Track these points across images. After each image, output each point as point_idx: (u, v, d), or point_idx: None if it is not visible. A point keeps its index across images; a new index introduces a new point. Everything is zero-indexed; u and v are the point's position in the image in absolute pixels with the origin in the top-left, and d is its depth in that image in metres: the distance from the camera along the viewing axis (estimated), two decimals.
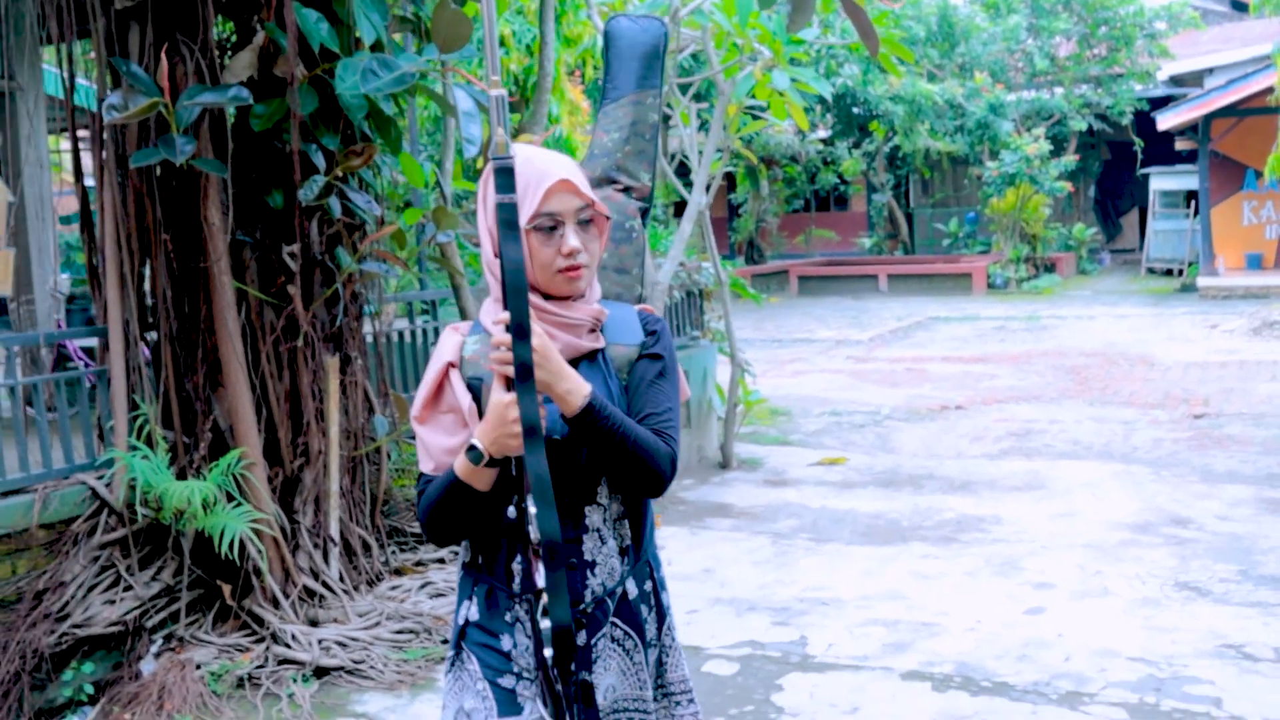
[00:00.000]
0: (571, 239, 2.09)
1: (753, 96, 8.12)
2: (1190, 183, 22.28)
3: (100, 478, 4.92)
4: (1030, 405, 10.52)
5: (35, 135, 8.26)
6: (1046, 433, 9.31)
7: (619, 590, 2.22)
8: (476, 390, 2.13)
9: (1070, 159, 23.84)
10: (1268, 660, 4.58)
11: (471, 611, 2.23)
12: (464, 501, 2.09)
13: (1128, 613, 5.21)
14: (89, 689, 4.69)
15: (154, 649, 4.87)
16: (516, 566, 2.16)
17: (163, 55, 4.50)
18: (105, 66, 4.90)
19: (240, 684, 4.73)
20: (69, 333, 5.39)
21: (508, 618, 2.19)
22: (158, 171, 5.02)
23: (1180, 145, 22.43)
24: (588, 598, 2.18)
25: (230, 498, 4.92)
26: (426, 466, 2.17)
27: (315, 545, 5.29)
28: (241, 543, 4.84)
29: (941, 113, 23.70)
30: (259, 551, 5.00)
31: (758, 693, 4.49)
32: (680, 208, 19.07)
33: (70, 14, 4.96)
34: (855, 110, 24.18)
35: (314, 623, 5.10)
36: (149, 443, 4.95)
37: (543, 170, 2.09)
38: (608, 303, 2.25)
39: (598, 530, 2.19)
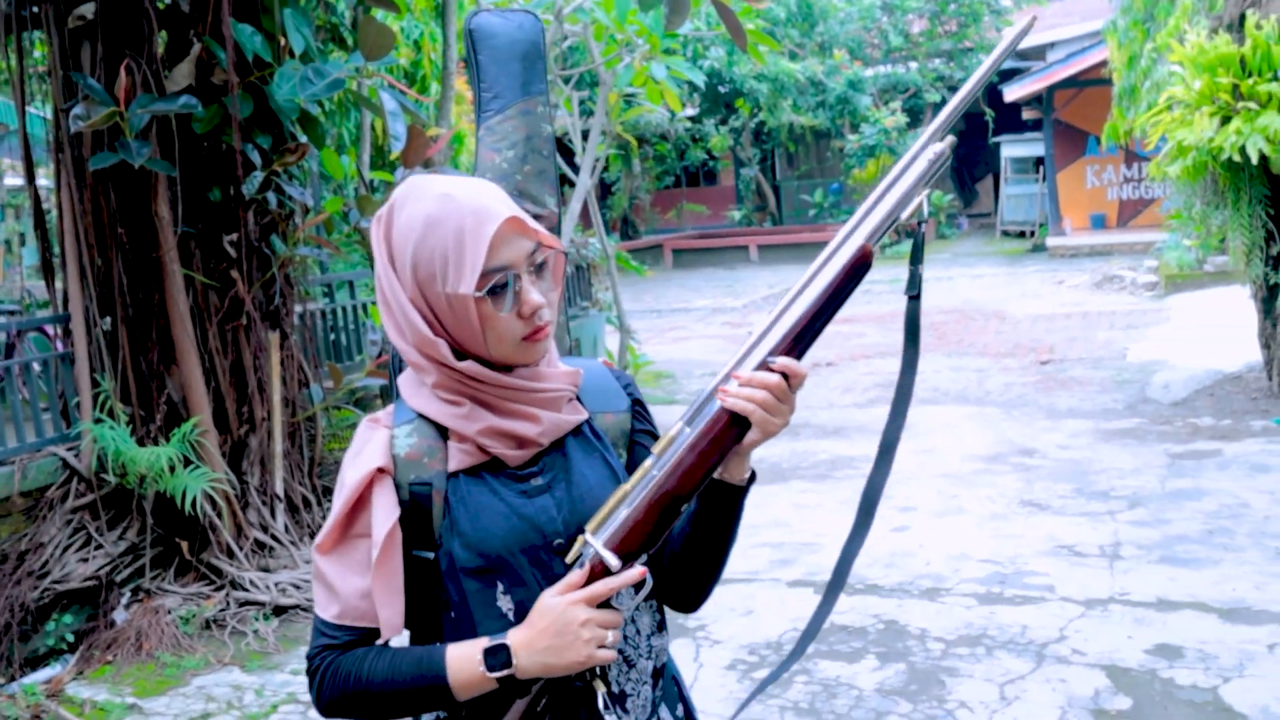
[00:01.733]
0: (533, 294, 1.55)
1: (631, 85, 8.84)
2: (1039, 150, 23.60)
3: (70, 449, 5.44)
4: (894, 359, 11.40)
5: None
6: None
7: None
8: (421, 499, 1.58)
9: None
10: (1093, 555, 5.46)
11: None
12: (433, 705, 1.55)
13: (979, 526, 6.07)
14: (69, 638, 5.22)
15: (124, 601, 5.41)
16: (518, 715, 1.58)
17: (121, 70, 5.02)
18: (60, 80, 5.39)
19: (208, 625, 5.31)
20: (35, 320, 5.84)
21: None
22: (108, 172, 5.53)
23: (1027, 115, 23.77)
24: None
25: (187, 462, 5.47)
26: (328, 612, 1.56)
27: (263, 502, 5.87)
28: (196, 502, 5.40)
29: (804, 89, 24.71)
30: (215, 509, 5.57)
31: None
32: (559, 183, 19.77)
33: (16, 32, 5.45)
34: (721, 89, 25.03)
35: (266, 570, 5.68)
36: (111, 416, 5.48)
37: (477, 209, 1.52)
38: (566, 359, 1.73)
39: (620, 651, 1.63)
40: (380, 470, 1.57)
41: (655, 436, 1.73)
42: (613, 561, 1.50)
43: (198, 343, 5.62)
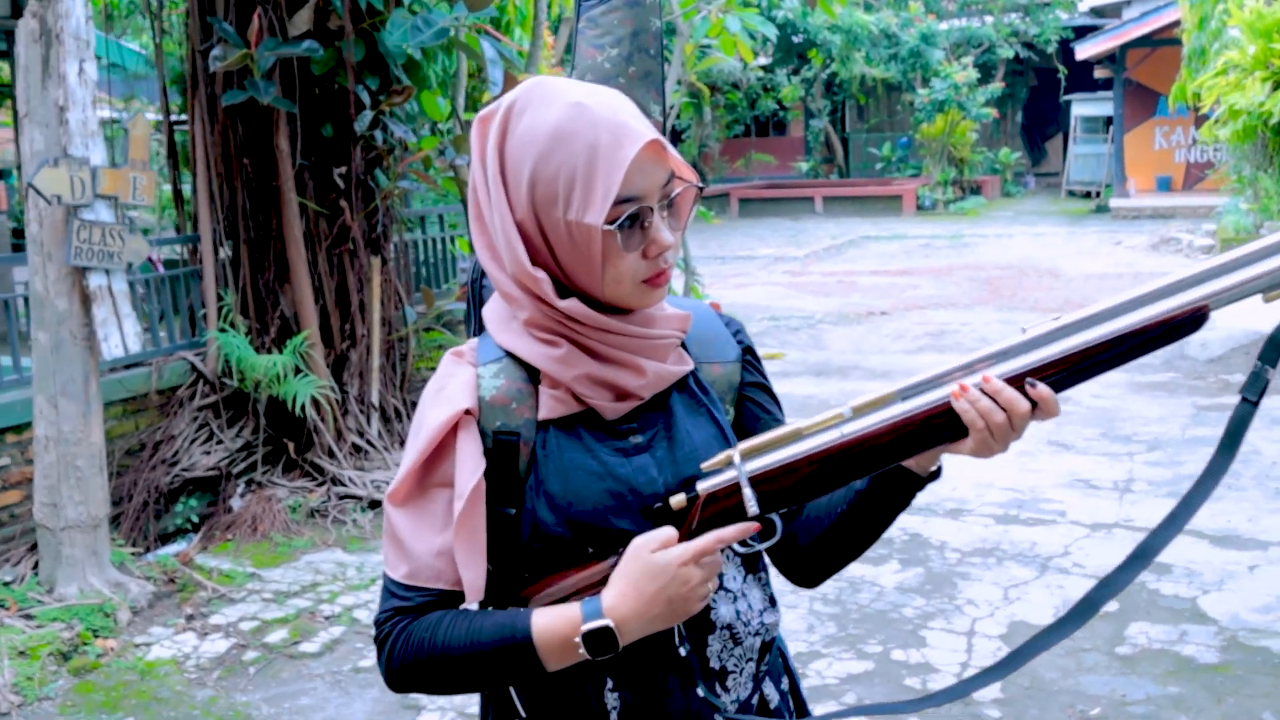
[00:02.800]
0: (664, 232, 1.37)
1: (707, 35, 9.36)
2: (1109, 109, 23.72)
3: (198, 355, 6.15)
4: (946, 311, 11.96)
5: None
6: (959, 333, 10.73)
7: (754, 699, 1.54)
8: (506, 450, 1.42)
9: (997, 86, 25.26)
10: (1105, 489, 6.01)
11: None
12: (516, 674, 1.39)
13: (1007, 461, 6.61)
14: (194, 519, 5.95)
15: (239, 490, 6.12)
16: (612, 697, 1.43)
17: (255, 16, 5.66)
18: (197, 23, 6.03)
19: (312, 514, 6.02)
20: (171, 239, 6.52)
21: None
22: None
23: (1099, 74, 23.88)
24: None
25: (297, 370, 6.15)
26: (399, 572, 1.41)
27: (360, 410, 6.56)
28: (304, 406, 6.09)
29: (876, 41, 24.96)
30: (319, 414, 6.26)
31: None
32: None
33: None
34: (795, 39, 25.33)
35: (362, 470, 6.38)
36: (231, 327, 6.17)
37: (615, 127, 1.32)
38: (672, 299, 1.52)
39: (729, 626, 1.48)
40: (467, 413, 1.41)
41: (769, 390, 1.58)
42: (750, 503, 1.36)
43: (309, 265, 6.29)
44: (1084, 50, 21.80)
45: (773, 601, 1.54)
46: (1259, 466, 6.23)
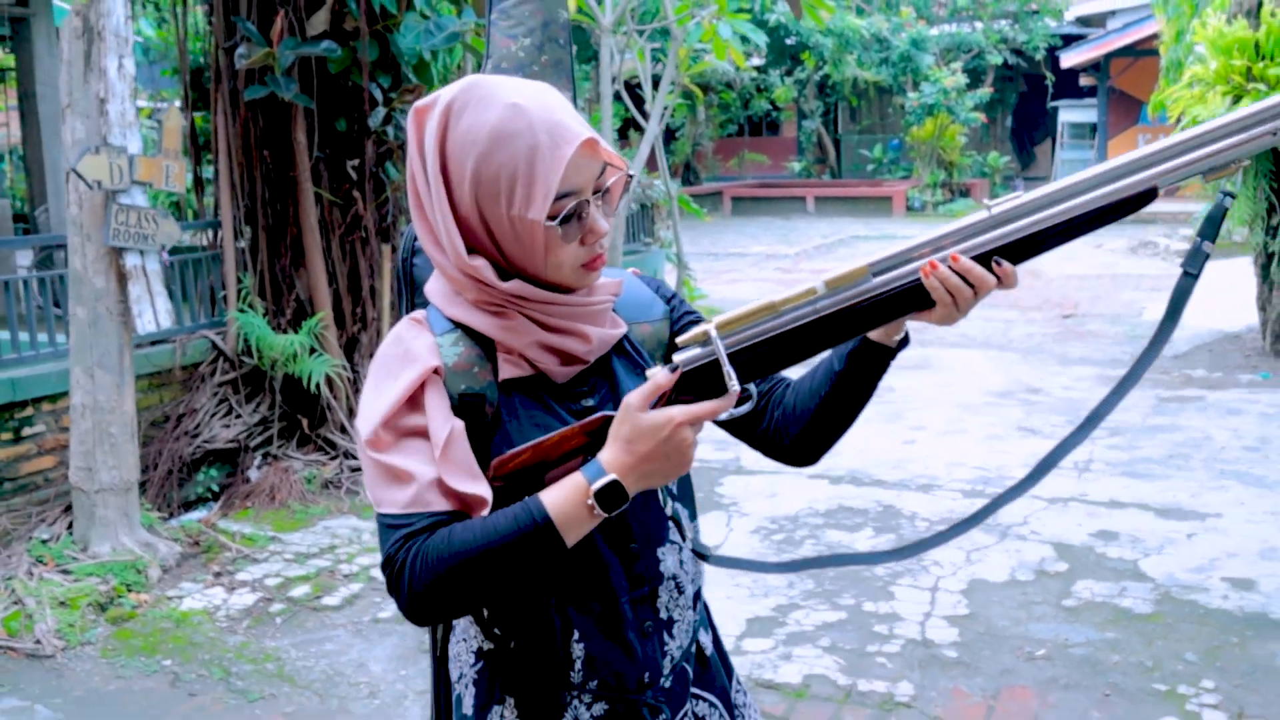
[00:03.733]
0: (600, 221, 1.49)
1: (700, 40, 9.80)
2: (1094, 116, 24.25)
3: (218, 333, 6.56)
4: None
5: (48, 58, 9.66)
6: (940, 328, 11.13)
7: (693, 648, 1.71)
8: (473, 411, 1.50)
9: (985, 91, 25.72)
10: (1066, 468, 6.44)
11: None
12: (538, 558, 1.42)
13: (977, 443, 7.06)
14: (215, 488, 6.36)
15: (256, 463, 6.53)
16: (578, 647, 1.57)
17: (279, 18, 6.07)
18: (221, 23, 6.44)
19: (326, 485, 6.43)
20: (193, 224, 6.91)
21: (565, 718, 1.61)
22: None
23: (1084, 81, 24.39)
24: (666, 668, 1.64)
25: (312, 350, 6.57)
26: (398, 504, 1.44)
27: None
28: (317, 384, 6.50)
29: (868, 45, 25.41)
30: (331, 392, 6.67)
31: (704, 488, 6.26)
32: (625, 126, 20.65)
33: None
34: (788, 41, 25.76)
35: None
36: (250, 308, 6.58)
37: (552, 127, 1.43)
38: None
39: (674, 577, 1.63)
40: (435, 371, 1.48)
41: (700, 317, 1.70)
42: (731, 379, 1.44)
43: (323, 251, 6.70)
44: (1069, 59, 22.33)
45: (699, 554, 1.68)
46: (1209, 450, 6.67)
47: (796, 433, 1.68)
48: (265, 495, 6.21)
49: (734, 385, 1.45)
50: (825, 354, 1.58)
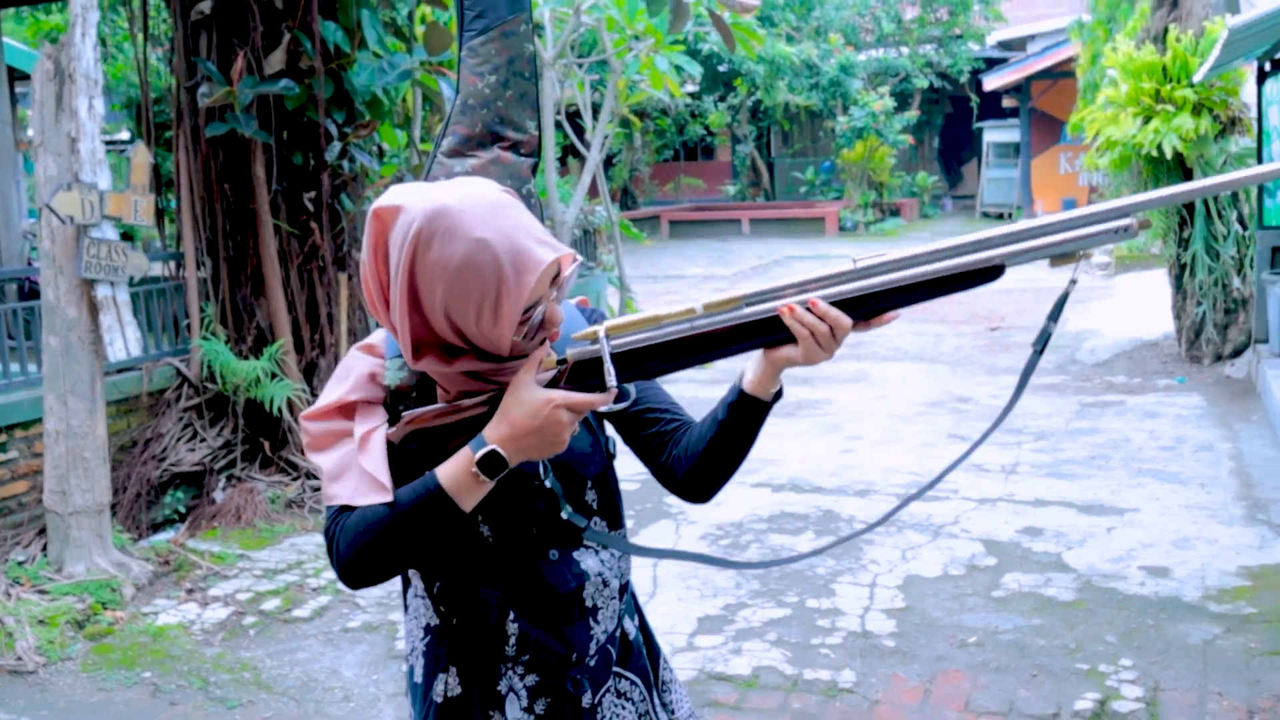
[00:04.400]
0: (556, 312, 1.69)
1: (638, 71, 10.15)
2: (1017, 136, 24.94)
3: (183, 361, 6.78)
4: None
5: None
6: (874, 343, 11.58)
7: (618, 632, 1.94)
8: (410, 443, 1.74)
9: (912, 114, 26.39)
10: (995, 471, 6.84)
11: (450, 687, 1.86)
12: (437, 523, 1.66)
13: (911, 451, 7.43)
14: (182, 509, 6.57)
15: (221, 485, 6.75)
16: (513, 626, 1.81)
17: (239, 58, 6.34)
18: (182, 62, 6.69)
19: (289, 505, 6.66)
20: (159, 255, 7.11)
21: (500, 687, 1.85)
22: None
23: (1006, 103, 25.10)
24: (592, 649, 1.87)
25: (272, 376, 6.80)
26: (340, 496, 1.68)
27: None
28: (279, 408, 6.73)
29: (799, 71, 25.94)
30: (292, 415, 6.91)
31: (653, 499, 6.57)
32: (565, 154, 20.98)
33: (144, 25, 6.77)
34: (720, 69, 26.22)
35: None
36: (213, 336, 6.81)
37: (515, 256, 1.58)
38: None
39: (600, 574, 1.86)
40: (367, 402, 1.74)
41: None
42: (611, 379, 1.64)
43: (282, 280, 6.95)
44: (992, 81, 23.03)
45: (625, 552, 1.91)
46: (1127, 451, 7.10)
47: (686, 470, 1.87)
48: (231, 515, 6.43)
49: (612, 381, 1.64)
50: (714, 404, 1.83)
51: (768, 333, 1.65)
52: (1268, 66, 8.65)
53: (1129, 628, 4.62)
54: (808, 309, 1.63)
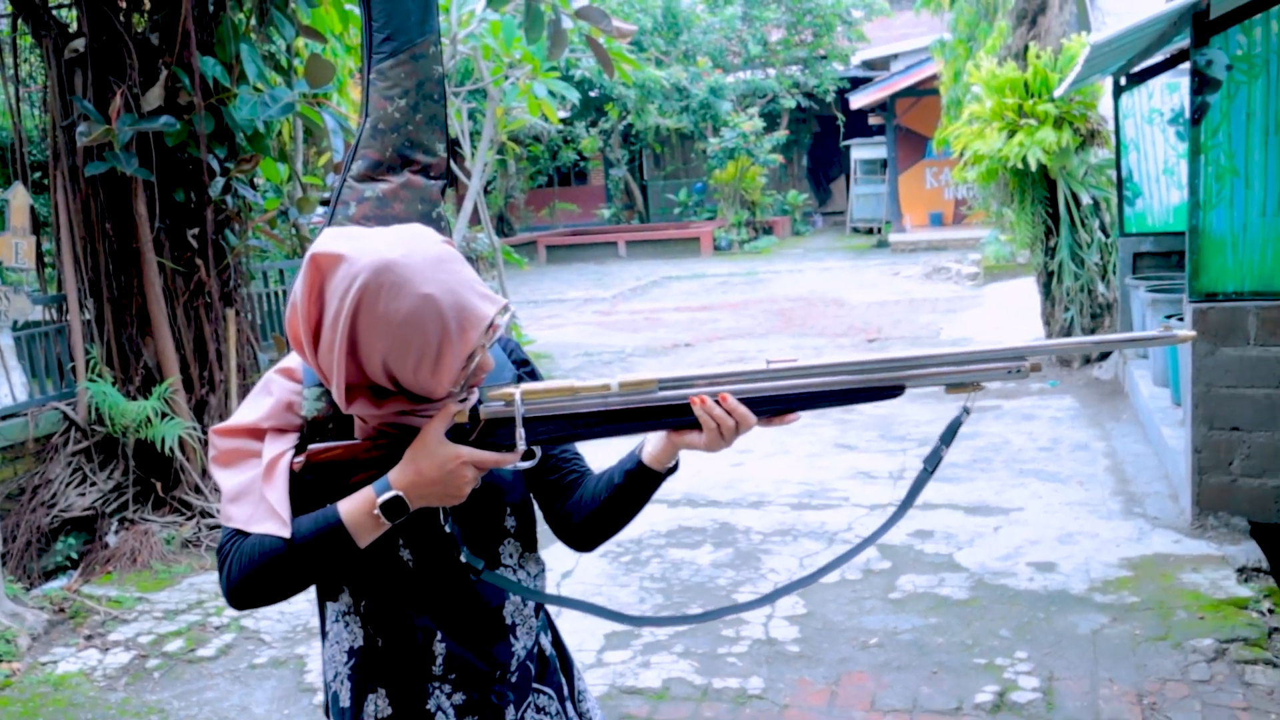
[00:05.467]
0: (489, 359, 1.74)
1: (516, 98, 10.23)
2: (884, 152, 25.58)
3: (69, 404, 6.65)
4: (745, 340, 13.05)
5: None
6: (757, 359, 11.69)
7: (535, 649, 2.02)
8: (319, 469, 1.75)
9: (782, 134, 26.93)
10: (882, 478, 7.05)
11: (380, 708, 1.90)
12: (332, 556, 1.72)
13: (799, 461, 7.61)
14: (74, 555, 6.43)
15: (113, 528, 6.63)
16: (440, 646, 1.87)
17: (117, 96, 6.26)
18: (57, 101, 6.58)
19: (185, 544, 6.57)
20: (42, 299, 6.93)
21: (430, 706, 1.90)
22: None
23: (873, 120, 25.74)
24: (513, 666, 1.94)
25: (162, 415, 6.71)
26: (236, 520, 1.72)
27: None
28: (170, 447, 6.64)
29: (669, 94, 26.29)
30: (184, 454, 6.82)
31: None
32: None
33: (15, 66, 6.65)
34: (592, 94, 26.45)
35: None
36: (100, 378, 6.69)
37: (459, 313, 1.62)
38: None
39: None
40: (279, 430, 1.78)
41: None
42: (520, 443, 1.73)
43: (169, 318, 6.85)
44: (858, 100, 23.62)
45: (542, 569, 2.02)
46: (1008, 453, 7.37)
47: (578, 522, 1.97)
48: (126, 559, 6.32)
49: (521, 445, 1.74)
50: (612, 464, 1.94)
51: (676, 416, 1.75)
52: (1123, 81, 9.07)
53: (1021, 622, 4.83)
54: (717, 402, 1.74)
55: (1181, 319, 6.01)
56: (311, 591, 1.95)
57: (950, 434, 1.85)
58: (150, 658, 5.22)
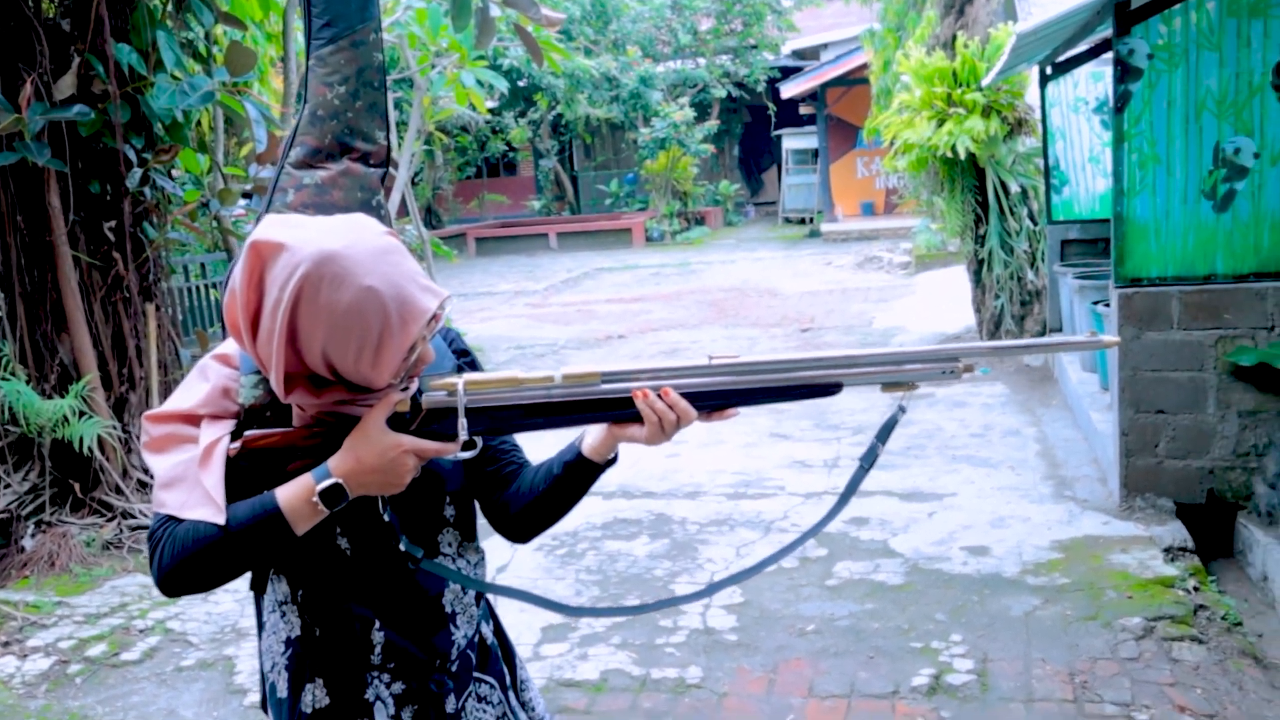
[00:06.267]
0: (429, 351, 1.73)
1: (444, 87, 10.10)
2: (815, 142, 25.69)
3: None
4: (678, 331, 13.02)
5: None
6: (690, 350, 11.77)
7: (476, 638, 2.02)
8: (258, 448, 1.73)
9: (713, 124, 26.93)
10: (817, 466, 7.04)
11: (318, 698, 1.88)
12: (268, 543, 1.69)
13: (735, 451, 7.59)
14: None
15: (29, 531, 6.44)
16: (379, 635, 1.86)
17: (28, 84, 6.06)
18: None
19: (106, 547, 6.40)
20: None
21: (368, 695, 1.89)
22: None
23: (804, 110, 25.83)
24: (454, 655, 1.94)
25: (80, 414, 6.53)
26: (169, 505, 1.69)
27: None
28: (90, 447, 6.46)
29: (599, 84, 26.21)
30: (104, 454, 6.64)
31: None
32: None
33: None
34: (520, 83, 26.29)
35: (150, 503, 6.78)
36: (13, 376, 6.49)
37: (401, 305, 1.60)
38: None
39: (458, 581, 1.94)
40: (214, 417, 1.75)
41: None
42: (463, 433, 1.72)
43: (86, 314, 6.67)
44: (789, 89, 23.68)
45: (481, 558, 2.01)
46: (940, 440, 7.40)
47: (515, 513, 1.97)
48: (44, 562, 6.14)
49: (463, 435, 1.74)
50: (551, 456, 1.94)
51: (618, 409, 1.76)
52: (1049, 70, 9.13)
53: (956, 605, 4.83)
54: (660, 396, 1.75)
55: (1108, 305, 6.05)
56: (241, 590, 1.92)
57: (886, 432, 1.90)
58: (71, 663, 5.06)
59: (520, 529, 2.00)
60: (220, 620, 5.30)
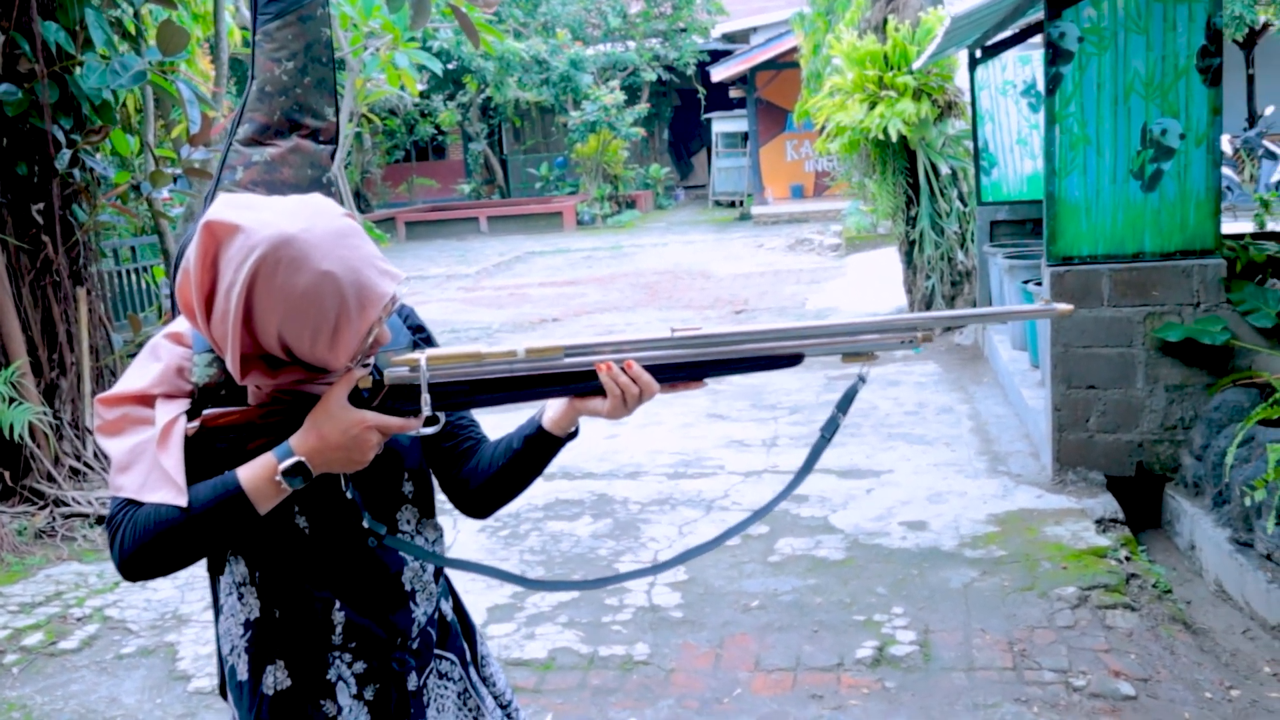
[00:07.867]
0: (385, 332, 1.72)
1: (377, 70, 10.03)
2: (744, 126, 25.78)
3: None
4: (612, 314, 13.05)
5: None
6: (624, 333, 11.78)
7: (436, 615, 2.01)
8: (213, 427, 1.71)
9: (643, 107, 26.94)
10: (755, 446, 7.11)
11: (280, 680, 1.86)
12: (231, 524, 1.67)
13: (673, 432, 7.63)
14: None
15: None
16: (339, 615, 1.85)
17: None
18: None
19: (39, 535, 6.30)
20: None
21: (330, 676, 1.88)
22: None
23: (733, 94, 25.92)
24: (414, 632, 1.94)
25: (10, 401, 6.41)
26: (127, 489, 1.66)
27: (75, 435, 6.86)
28: (20, 435, 6.36)
29: (528, 67, 26.11)
30: (34, 441, 6.53)
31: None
32: None
33: None
34: (449, 66, 26.11)
35: (83, 490, 6.69)
36: None
37: (359, 290, 1.60)
38: None
39: (416, 559, 1.92)
40: (167, 396, 1.70)
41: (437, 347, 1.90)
42: (426, 409, 1.71)
43: (14, 299, 6.55)
44: (718, 73, 23.75)
45: (441, 535, 2.01)
46: (876, 418, 7.50)
47: (475, 488, 1.97)
48: None
49: (426, 410, 1.73)
50: (510, 431, 1.95)
51: (581, 382, 1.77)
52: (979, 54, 9.26)
53: (897, 579, 4.91)
54: (623, 369, 1.77)
55: (1039, 284, 6.17)
56: (181, 576, 1.89)
57: (847, 402, 1.91)
58: (7, 653, 4.98)
59: (480, 504, 1.99)
60: (160, 607, 5.25)
